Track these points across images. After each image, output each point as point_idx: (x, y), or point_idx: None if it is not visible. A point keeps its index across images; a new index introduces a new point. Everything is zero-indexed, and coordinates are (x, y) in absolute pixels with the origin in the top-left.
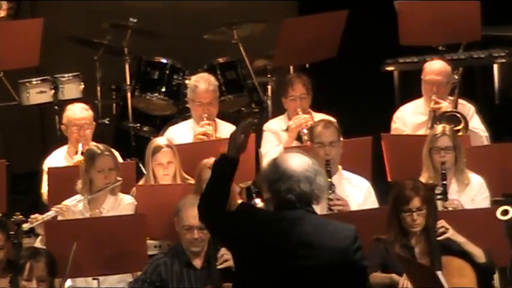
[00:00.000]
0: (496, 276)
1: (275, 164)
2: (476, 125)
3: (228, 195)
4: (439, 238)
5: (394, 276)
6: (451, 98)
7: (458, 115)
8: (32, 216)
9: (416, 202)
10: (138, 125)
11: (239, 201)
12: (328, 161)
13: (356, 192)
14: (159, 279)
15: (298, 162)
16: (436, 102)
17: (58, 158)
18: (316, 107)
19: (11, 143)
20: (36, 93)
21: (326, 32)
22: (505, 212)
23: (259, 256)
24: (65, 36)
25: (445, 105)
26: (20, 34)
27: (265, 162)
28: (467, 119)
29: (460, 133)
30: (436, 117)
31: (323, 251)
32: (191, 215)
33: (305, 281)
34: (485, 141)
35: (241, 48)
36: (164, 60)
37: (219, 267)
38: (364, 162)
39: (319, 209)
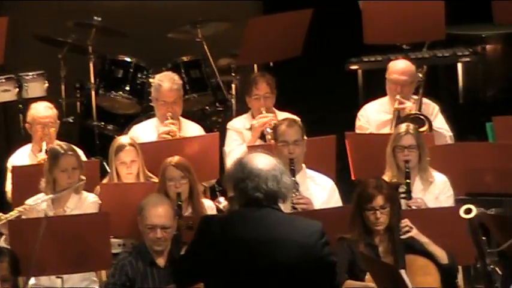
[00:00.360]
0: (460, 275)
1: (242, 163)
2: (441, 124)
3: None
4: (402, 237)
5: (369, 284)
6: (415, 97)
7: (422, 117)
8: None
9: (379, 200)
10: (102, 123)
11: (203, 200)
12: (292, 159)
13: (320, 191)
14: (127, 280)
15: (264, 162)
16: (400, 102)
17: (22, 156)
18: (280, 105)
19: None
20: (0, 92)
21: (290, 30)
22: (468, 211)
23: (228, 258)
24: (30, 35)
25: (409, 105)
26: None
27: (229, 161)
28: (432, 119)
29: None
30: (401, 119)
31: (291, 247)
32: (154, 214)
33: (274, 278)
34: (450, 141)
35: (205, 47)
36: (128, 59)
37: None
38: (328, 161)
39: (283, 208)
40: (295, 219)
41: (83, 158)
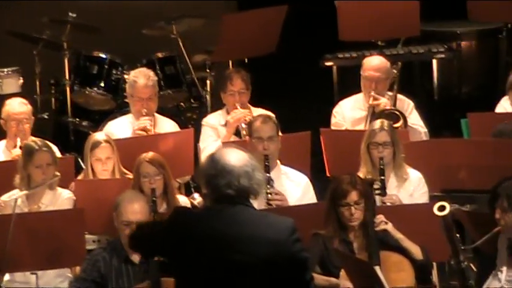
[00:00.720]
0: (434, 272)
1: (213, 159)
2: (415, 120)
3: None
4: (377, 228)
5: (332, 279)
6: (390, 93)
7: (397, 112)
8: None
9: (353, 196)
10: (77, 119)
11: (178, 196)
12: (267, 155)
13: (294, 187)
14: (99, 275)
15: (236, 158)
16: (375, 99)
17: None
18: (255, 102)
19: None
20: None
21: (265, 27)
22: (442, 208)
23: (199, 254)
24: (4, 31)
25: (384, 102)
26: None
27: (203, 157)
28: (406, 115)
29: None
30: (375, 114)
31: (262, 243)
32: (130, 210)
33: (246, 275)
34: (424, 137)
35: (180, 43)
36: (103, 55)
37: None
38: (303, 157)
39: (257, 203)
40: (267, 215)
41: (58, 154)
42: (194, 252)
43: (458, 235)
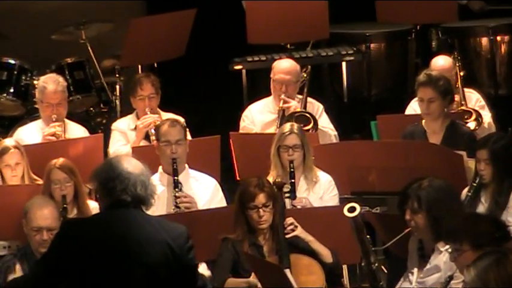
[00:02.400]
0: (345, 274)
1: (111, 163)
2: (325, 123)
3: None
4: (287, 236)
5: (251, 280)
6: (300, 96)
7: (307, 115)
8: None
9: (261, 198)
10: None
11: (88, 202)
12: (175, 159)
13: (203, 190)
14: None
15: (134, 165)
16: (285, 102)
17: None
18: (165, 106)
19: None
20: None
21: (174, 31)
22: (352, 209)
23: (92, 259)
24: None
25: (294, 105)
26: None
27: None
28: (316, 118)
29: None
30: (285, 117)
31: (159, 247)
32: (39, 216)
33: (140, 279)
34: (334, 140)
35: (89, 48)
36: (12, 61)
37: None
38: (212, 161)
39: (166, 207)
40: (161, 220)
41: None
42: (86, 259)
43: (368, 237)
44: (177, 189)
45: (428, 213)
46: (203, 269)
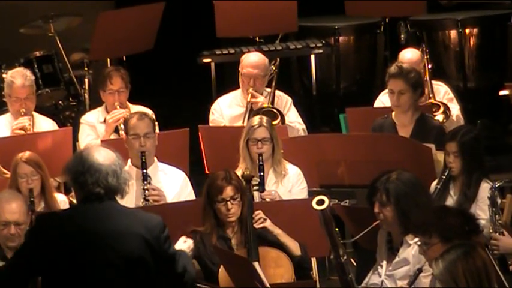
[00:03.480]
0: (314, 267)
1: (81, 156)
2: (294, 117)
3: None
4: (256, 227)
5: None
6: (268, 89)
7: (274, 110)
8: None
9: (229, 191)
10: None
11: (56, 195)
12: (144, 152)
13: (172, 183)
14: None
15: (104, 156)
16: (253, 96)
17: None
18: (134, 99)
19: None
20: None
21: (143, 24)
22: (321, 202)
23: (68, 252)
24: None
25: (262, 101)
26: None
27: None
28: (285, 111)
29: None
30: (253, 111)
31: (136, 239)
32: (7, 210)
33: (117, 270)
34: (303, 133)
35: (57, 42)
36: None
37: None
38: (181, 154)
39: (135, 199)
40: (136, 211)
41: None
42: (61, 252)
43: (337, 230)
44: (146, 182)
45: (397, 206)
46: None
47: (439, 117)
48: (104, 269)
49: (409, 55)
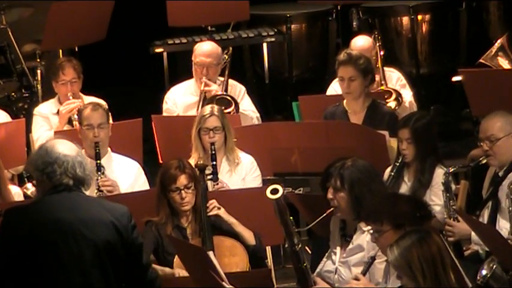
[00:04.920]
0: (269, 255)
1: (46, 148)
2: (247, 105)
3: None
4: (210, 214)
5: (167, 269)
6: (221, 78)
7: (228, 98)
8: None
9: (182, 180)
10: None
11: (10, 187)
12: (97, 143)
13: (126, 174)
14: None
15: (68, 148)
16: (206, 85)
17: None
18: (87, 90)
19: None
20: None
21: (94, 14)
22: (275, 191)
23: (38, 243)
24: None
25: (215, 89)
26: None
27: (37, 146)
28: (238, 100)
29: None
30: (207, 100)
31: (105, 227)
32: None
33: (91, 260)
34: (256, 122)
35: (9, 33)
36: None
37: None
38: (135, 144)
39: (89, 191)
40: (103, 201)
41: None
42: (37, 244)
43: (292, 218)
44: (99, 173)
45: (350, 193)
46: None
47: (391, 104)
48: (77, 258)
49: (361, 42)
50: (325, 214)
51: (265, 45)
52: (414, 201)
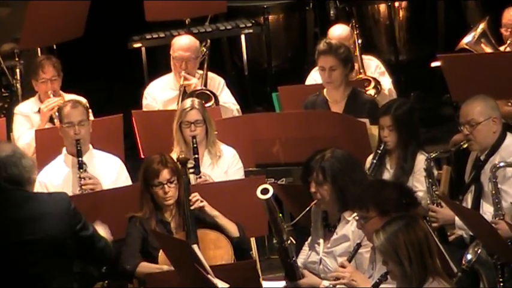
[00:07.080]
0: (253, 247)
1: None
2: (227, 98)
3: None
4: (193, 207)
5: (152, 265)
6: (200, 72)
7: (207, 92)
8: None
9: (165, 174)
10: None
11: None
12: (78, 140)
13: (108, 170)
14: None
15: (2, 149)
16: (186, 79)
17: None
18: (66, 87)
19: None
20: None
21: (72, 11)
22: (265, 191)
23: None
24: None
25: (194, 82)
26: None
27: (19, 145)
28: (218, 93)
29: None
30: (187, 94)
31: (47, 219)
32: None
33: (41, 252)
34: (237, 114)
35: None
36: None
37: None
38: (116, 140)
39: (71, 188)
40: (40, 194)
41: None
42: None
43: (281, 215)
44: (81, 170)
45: (334, 185)
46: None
47: (371, 91)
48: (26, 254)
49: (338, 31)
50: (309, 207)
51: (243, 37)
52: (400, 188)
